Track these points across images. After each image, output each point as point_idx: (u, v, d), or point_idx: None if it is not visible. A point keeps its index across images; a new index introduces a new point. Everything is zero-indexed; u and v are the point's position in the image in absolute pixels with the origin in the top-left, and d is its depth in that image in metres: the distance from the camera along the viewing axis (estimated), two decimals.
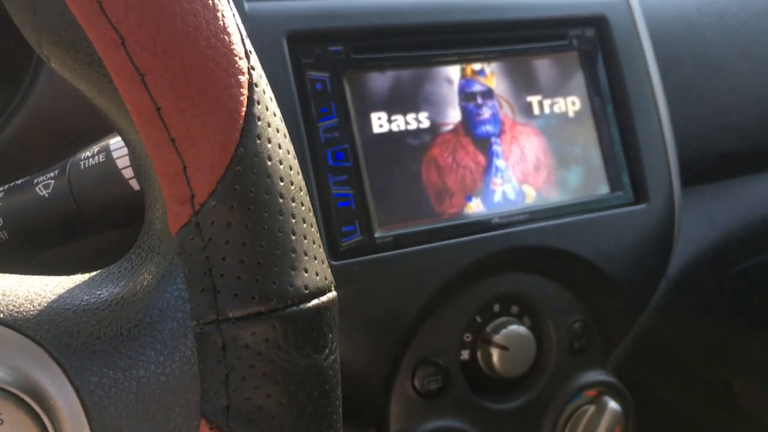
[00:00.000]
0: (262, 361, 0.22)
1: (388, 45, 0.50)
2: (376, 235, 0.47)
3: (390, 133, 0.49)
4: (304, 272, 0.23)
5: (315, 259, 0.24)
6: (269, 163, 0.23)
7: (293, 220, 0.23)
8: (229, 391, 0.22)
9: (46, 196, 0.36)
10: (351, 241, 0.47)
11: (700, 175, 0.63)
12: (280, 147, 0.24)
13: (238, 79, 0.23)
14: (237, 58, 0.23)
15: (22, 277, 0.25)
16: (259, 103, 0.23)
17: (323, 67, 0.48)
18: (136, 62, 0.22)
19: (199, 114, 0.22)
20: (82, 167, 0.36)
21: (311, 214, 0.24)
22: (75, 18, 0.22)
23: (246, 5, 0.46)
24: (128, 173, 0.35)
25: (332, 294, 0.24)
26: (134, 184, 0.35)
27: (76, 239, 0.38)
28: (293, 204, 0.23)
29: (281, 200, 0.23)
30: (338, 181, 0.47)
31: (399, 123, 0.49)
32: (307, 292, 0.23)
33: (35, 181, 0.36)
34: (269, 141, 0.23)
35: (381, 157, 0.49)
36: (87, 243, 0.39)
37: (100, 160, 0.35)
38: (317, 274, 0.24)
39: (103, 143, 0.36)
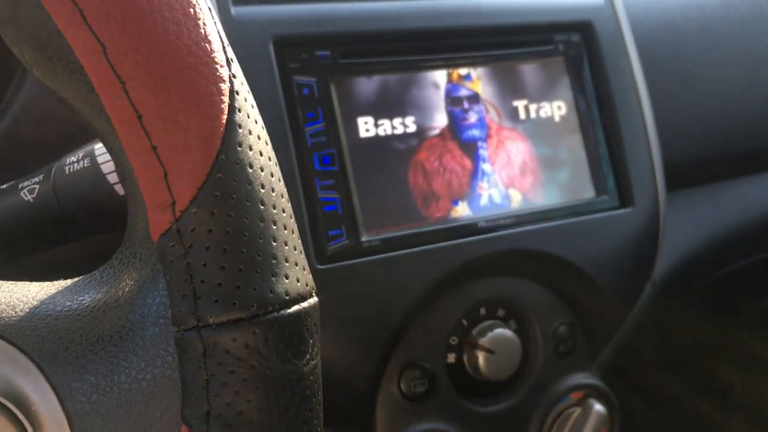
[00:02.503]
0: (242, 366, 0.22)
1: (374, 50, 0.50)
2: (363, 239, 0.48)
3: (377, 137, 0.49)
4: (284, 278, 0.23)
5: (296, 265, 0.24)
6: (250, 170, 0.23)
7: (274, 227, 0.23)
8: (210, 397, 0.22)
9: (31, 200, 0.36)
10: (338, 245, 0.47)
11: (685, 178, 0.63)
12: (261, 154, 0.24)
13: (219, 87, 0.23)
14: (218, 66, 0.23)
15: (4, 282, 0.25)
16: (240, 111, 0.23)
17: (310, 72, 0.48)
18: (118, 70, 0.22)
19: (181, 121, 0.22)
20: (67, 172, 0.36)
21: (293, 220, 0.25)
22: (57, 26, 0.22)
23: (232, 10, 0.46)
24: (113, 178, 0.35)
25: (313, 300, 0.25)
26: (119, 189, 0.35)
27: (61, 244, 0.38)
28: (274, 211, 0.24)
29: (262, 207, 0.23)
30: (325, 186, 0.47)
31: (386, 127, 0.50)
32: (288, 298, 0.23)
33: (20, 185, 0.36)
34: (250, 148, 0.23)
35: (368, 162, 0.49)
36: (72, 247, 0.39)
37: (85, 164, 0.36)
38: (298, 280, 0.24)
39: (87, 148, 0.36)
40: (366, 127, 0.49)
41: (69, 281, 0.26)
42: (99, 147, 0.36)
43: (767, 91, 0.67)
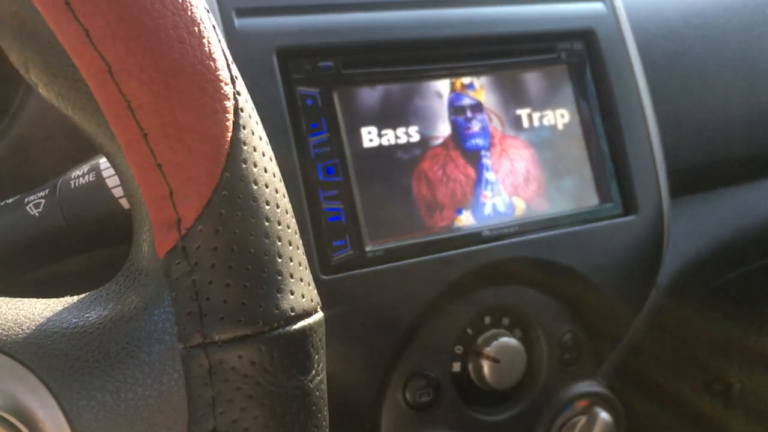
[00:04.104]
0: (248, 383, 0.22)
1: (377, 60, 0.50)
2: (367, 249, 0.48)
3: (380, 147, 0.49)
4: (290, 294, 0.23)
5: (301, 281, 0.24)
6: (255, 186, 0.23)
7: (279, 243, 0.24)
8: (216, 414, 0.22)
9: (37, 215, 0.36)
10: (342, 255, 0.47)
11: (689, 185, 0.63)
12: (266, 170, 0.24)
13: (224, 104, 0.23)
14: (223, 84, 0.23)
15: (11, 299, 0.25)
16: (244, 128, 0.23)
17: (313, 83, 0.48)
18: (123, 89, 0.22)
19: (186, 140, 0.22)
20: (73, 186, 0.36)
21: (297, 236, 0.25)
22: (62, 46, 0.22)
23: (236, 21, 0.47)
24: (118, 192, 0.35)
25: (319, 315, 0.25)
26: (124, 203, 0.35)
27: (67, 258, 0.38)
28: (279, 227, 0.24)
29: (267, 223, 0.23)
30: (329, 196, 0.47)
31: (389, 137, 0.50)
32: (293, 314, 0.23)
33: (26, 200, 0.37)
34: (255, 165, 0.23)
35: (371, 172, 0.49)
36: (77, 261, 0.39)
37: (90, 179, 0.36)
38: (303, 296, 0.24)
39: (93, 162, 0.36)
40: (369, 137, 0.49)
41: (75, 298, 0.26)
42: (104, 161, 0.36)
43: None
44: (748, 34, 0.66)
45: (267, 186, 0.24)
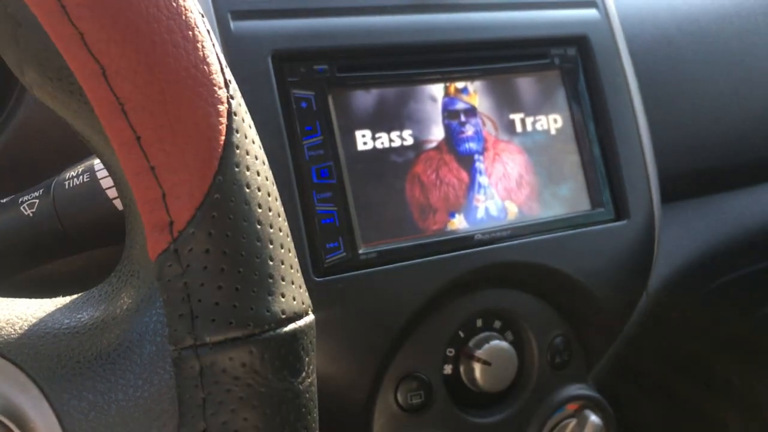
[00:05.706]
0: (239, 385, 0.23)
1: (372, 64, 0.50)
2: (360, 251, 0.48)
3: (374, 150, 0.50)
4: (281, 297, 0.24)
5: (292, 283, 0.24)
6: (247, 190, 0.23)
7: (271, 246, 0.24)
8: (207, 415, 0.23)
9: (31, 215, 0.36)
10: (335, 257, 0.47)
11: (680, 191, 0.64)
12: (258, 174, 0.24)
13: (217, 108, 0.23)
14: (216, 88, 0.23)
15: (3, 299, 0.26)
16: (237, 132, 0.24)
17: (308, 86, 0.48)
18: (117, 92, 0.22)
19: (179, 143, 0.23)
20: (67, 187, 0.36)
21: (289, 239, 0.25)
22: (57, 48, 0.22)
23: (232, 25, 0.47)
24: (112, 193, 0.35)
25: (309, 318, 0.25)
26: (118, 204, 0.36)
27: (61, 258, 0.38)
28: (271, 230, 0.24)
29: (259, 227, 0.24)
30: (322, 198, 0.47)
31: (383, 140, 0.50)
32: (284, 316, 0.24)
33: (20, 200, 0.37)
34: (248, 168, 0.24)
35: (365, 175, 0.49)
36: (71, 261, 0.39)
37: (85, 180, 0.36)
38: (294, 299, 0.24)
39: (87, 163, 0.37)
40: (363, 140, 0.49)
41: (68, 298, 0.26)
42: (98, 162, 0.36)
43: (762, 104, 0.67)
44: (742, 42, 0.67)
45: (259, 189, 0.24)
